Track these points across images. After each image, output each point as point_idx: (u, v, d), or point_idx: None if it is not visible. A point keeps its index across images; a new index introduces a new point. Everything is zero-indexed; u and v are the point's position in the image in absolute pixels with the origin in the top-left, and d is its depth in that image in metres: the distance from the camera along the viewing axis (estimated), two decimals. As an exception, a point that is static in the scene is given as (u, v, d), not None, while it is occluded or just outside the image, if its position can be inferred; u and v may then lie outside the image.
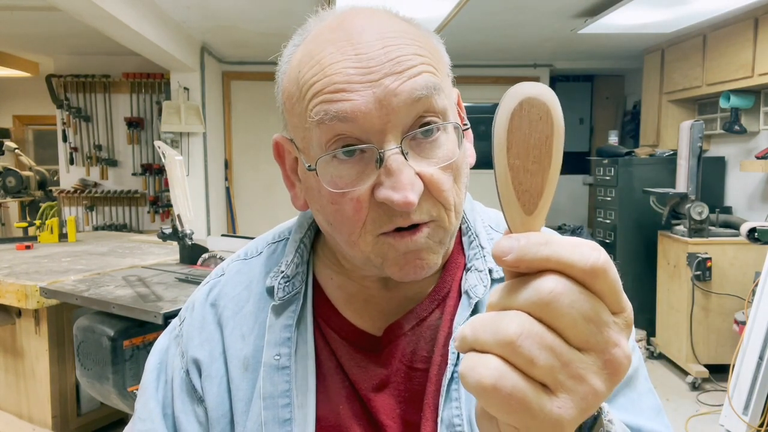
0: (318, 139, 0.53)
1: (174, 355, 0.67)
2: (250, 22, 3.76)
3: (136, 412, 0.66)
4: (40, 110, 5.77)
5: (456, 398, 0.58)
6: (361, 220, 0.54)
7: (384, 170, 0.51)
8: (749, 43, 3.32)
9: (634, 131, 5.24)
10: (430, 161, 0.53)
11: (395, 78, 0.51)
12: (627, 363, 0.33)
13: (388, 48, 0.52)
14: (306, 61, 0.55)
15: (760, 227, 2.91)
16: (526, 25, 3.88)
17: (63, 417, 2.50)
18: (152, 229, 4.91)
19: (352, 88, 0.51)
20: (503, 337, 0.31)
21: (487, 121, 4.45)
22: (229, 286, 0.68)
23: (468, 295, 0.61)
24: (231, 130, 5.20)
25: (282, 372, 0.60)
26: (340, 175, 0.53)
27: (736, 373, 2.66)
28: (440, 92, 0.54)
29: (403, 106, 0.51)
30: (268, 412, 0.59)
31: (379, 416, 0.59)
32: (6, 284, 2.32)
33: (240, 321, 0.65)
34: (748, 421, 2.54)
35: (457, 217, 0.58)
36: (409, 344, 0.62)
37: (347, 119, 0.51)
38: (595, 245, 0.33)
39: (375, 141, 0.52)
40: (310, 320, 0.63)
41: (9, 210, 5.36)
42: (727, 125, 3.66)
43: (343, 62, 0.52)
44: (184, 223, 2.57)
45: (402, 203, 0.50)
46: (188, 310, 0.69)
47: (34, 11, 3.60)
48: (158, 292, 2.04)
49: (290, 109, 0.58)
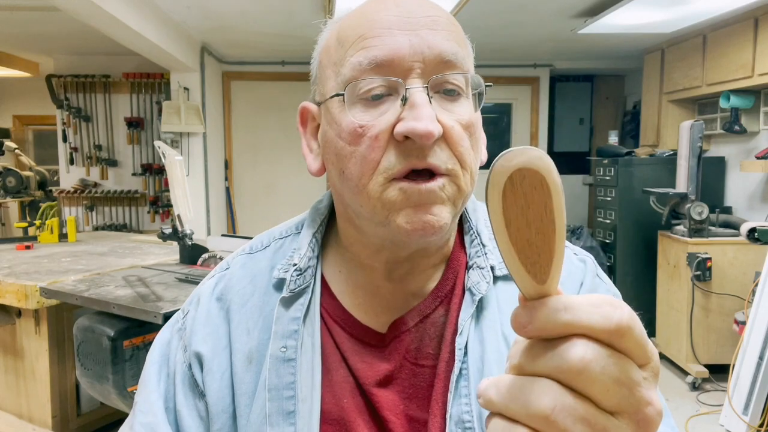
0: (352, 77, 0.55)
1: (176, 349, 0.67)
2: (250, 22, 3.76)
3: (137, 405, 0.66)
4: (40, 110, 5.77)
5: (465, 395, 0.58)
6: (376, 159, 0.54)
7: (408, 105, 0.53)
8: (749, 43, 3.32)
9: (634, 131, 5.24)
10: (451, 115, 0.56)
11: (431, 33, 0.55)
12: (659, 419, 0.32)
13: (426, 8, 0.57)
14: (350, 16, 0.59)
15: (760, 227, 2.91)
16: (526, 25, 3.88)
17: (63, 417, 2.50)
18: (152, 229, 4.91)
19: (391, 33, 0.54)
20: (536, 411, 0.30)
21: (487, 122, 4.46)
22: (235, 279, 0.68)
23: (471, 293, 0.62)
24: (231, 130, 5.21)
25: (288, 364, 0.60)
26: (364, 111, 0.55)
27: (736, 373, 2.66)
28: (466, 62, 0.57)
29: (434, 59, 0.55)
30: (273, 404, 0.59)
31: (383, 411, 0.60)
32: (6, 284, 2.32)
33: (245, 315, 0.65)
34: (748, 421, 2.54)
35: (472, 183, 0.59)
36: (414, 341, 0.62)
37: (383, 64, 0.54)
38: (615, 302, 0.32)
39: (403, 80, 0.54)
40: (317, 314, 0.63)
41: (9, 210, 5.36)
42: (727, 125, 3.66)
43: (386, 11, 0.56)
44: (184, 223, 2.57)
45: (423, 131, 0.52)
46: (193, 304, 0.69)
47: (34, 11, 3.60)
48: (158, 292, 2.04)
49: (326, 62, 0.60)
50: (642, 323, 0.30)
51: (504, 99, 5.30)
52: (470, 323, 0.61)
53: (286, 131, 5.17)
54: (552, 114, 5.55)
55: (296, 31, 3.91)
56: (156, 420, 0.63)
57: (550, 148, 5.48)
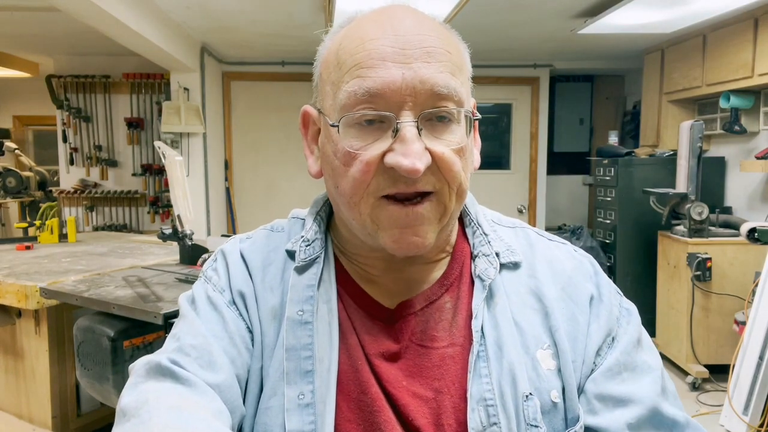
0: (346, 104, 0.58)
1: (213, 291, 0.68)
2: (250, 23, 3.76)
3: (178, 331, 0.65)
4: (40, 110, 5.77)
5: (486, 374, 0.61)
6: (366, 181, 0.58)
7: (398, 138, 0.56)
8: (749, 43, 3.32)
9: (634, 131, 5.24)
10: (442, 141, 0.58)
11: (424, 65, 0.57)
12: None
13: (423, 37, 0.58)
14: (349, 36, 0.61)
15: (760, 227, 2.91)
16: (526, 25, 3.88)
17: (63, 417, 2.50)
18: (152, 229, 4.90)
19: (385, 65, 0.56)
20: None
21: (488, 122, 4.46)
22: (257, 245, 0.72)
23: (481, 279, 0.66)
24: (231, 130, 5.20)
25: (305, 326, 0.63)
26: (357, 137, 0.58)
27: (736, 373, 2.66)
28: (458, 92, 0.59)
29: (425, 93, 0.57)
30: (291, 363, 0.61)
31: (385, 384, 0.62)
32: (6, 284, 2.32)
33: (269, 275, 0.68)
34: (748, 421, 2.54)
35: (459, 200, 0.62)
36: (419, 324, 0.65)
37: (377, 94, 0.56)
38: None
39: (395, 113, 0.57)
40: (333, 282, 0.67)
41: (9, 210, 5.36)
42: (727, 125, 3.66)
43: (382, 40, 0.57)
44: (184, 224, 2.57)
45: (410, 168, 0.55)
46: (218, 258, 0.72)
47: (34, 11, 3.60)
48: (158, 293, 2.04)
49: (326, 77, 0.63)
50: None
51: (504, 99, 5.30)
52: (483, 307, 0.64)
53: (286, 131, 5.17)
54: (552, 114, 5.54)
55: (296, 31, 3.91)
56: (207, 341, 0.63)
57: (550, 148, 5.48)
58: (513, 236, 0.72)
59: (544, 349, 0.64)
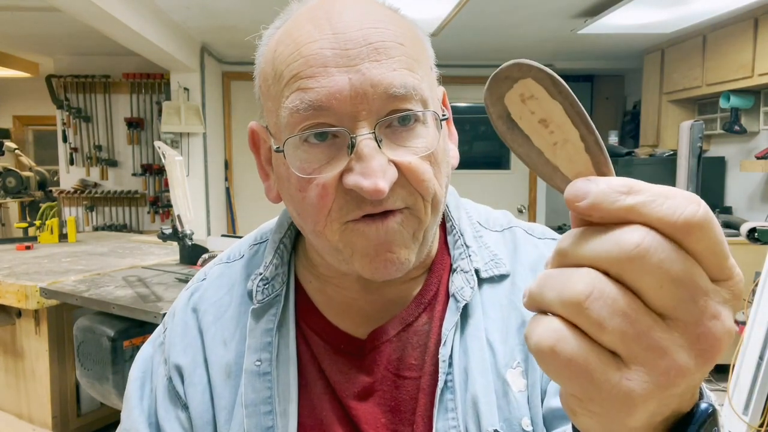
0: (290, 122, 0.50)
1: (158, 363, 0.65)
2: (250, 23, 3.76)
3: (122, 423, 0.64)
4: (40, 110, 5.77)
5: (452, 408, 0.55)
6: (326, 207, 0.50)
7: (355, 156, 0.48)
8: (749, 43, 3.32)
9: (634, 131, 5.24)
10: (407, 149, 0.50)
11: (373, 65, 0.48)
12: (728, 340, 0.26)
13: (368, 31, 0.49)
14: (283, 40, 0.52)
15: (760, 227, 2.91)
16: (526, 25, 3.88)
17: (63, 417, 2.50)
18: (152, 229, 4.90)
19: (327, 72, 0.48)
20: (568, 297, 0.26)
21: (488, 122, 4.45)
22: (211, 290, 0.65)
23: (455, 299, 0.58)
24: (231, 130, 5.20)
25: (263, 378, 0.58)
26: (308, 160, 0.50)
27: (736, 373, 2.66)
28: (419, 90, 0.50)
29: (379, 98, 0.48)
30: (251, 420, 0.57)
31: (362, 425, 0.57)
32: (6, 284, 2.32)
33: (221, 326, 0.62)
34: (748, 421, 2.54)
35: (434, 212, 0.54)
36: (396, 350, 0.58)
37: (322, 108, 0.48)
38: (693, 197, 0.26)
39: (348, 127, 0.49)
40: (292, 324, 0.60)
41: (9, 210, 5.36)
42: (727, 125, 3.66)
43: (320, 42, 0.49)
44: (184, 224, 2.57)
45: (371, 190, 0.47)
46: (170, 317, 0.67)
47: (34, 11, 3.60)
48: (158, 293, 2.04)
49: (266, 92, 0.55)
50: None
51: (504, 99, 5.30)
52: (454, 332, 0.57)
53: (286, 131, 5.17)
54: (552, 114, 5.54)
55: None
56: None
57: (550, 148, 5.48)
58: (501, 242, 0.65)
59: (514, 368, 0.57)
